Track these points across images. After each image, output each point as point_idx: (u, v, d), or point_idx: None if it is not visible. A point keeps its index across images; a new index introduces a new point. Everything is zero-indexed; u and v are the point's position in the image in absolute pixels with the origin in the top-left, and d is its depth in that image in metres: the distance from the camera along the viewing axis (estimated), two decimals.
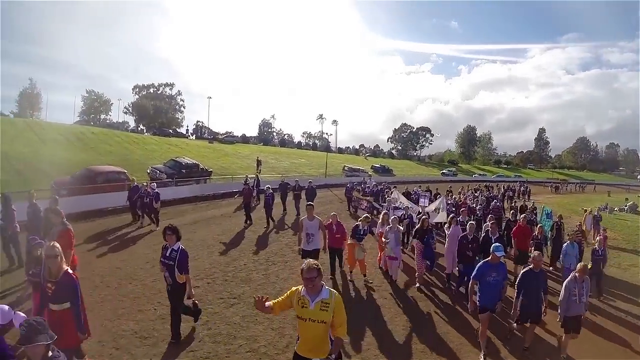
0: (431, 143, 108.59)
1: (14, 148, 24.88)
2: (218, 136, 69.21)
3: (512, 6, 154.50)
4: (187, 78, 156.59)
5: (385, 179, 41.84)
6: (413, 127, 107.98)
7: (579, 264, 6.37)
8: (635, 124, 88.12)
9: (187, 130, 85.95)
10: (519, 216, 11.49)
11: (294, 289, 3.61)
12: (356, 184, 22.09)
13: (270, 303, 3.62)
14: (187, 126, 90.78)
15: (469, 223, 8.75)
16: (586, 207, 26.24)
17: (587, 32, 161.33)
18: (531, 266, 6.12)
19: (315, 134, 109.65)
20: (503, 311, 6.90)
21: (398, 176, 54.82)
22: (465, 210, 11.48)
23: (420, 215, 12.94)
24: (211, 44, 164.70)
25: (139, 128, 79.25)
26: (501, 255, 5.93)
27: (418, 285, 9.01)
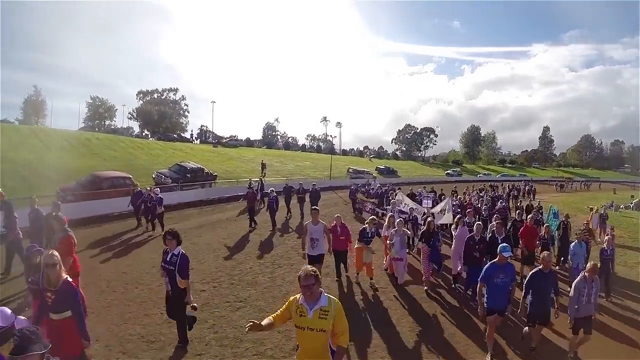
0: (435, 143, 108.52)
1: (20, 155, 25.10)
2: (222, 140, 69.39)
3: (514, 4, 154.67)
4: (191, 83, 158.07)
5: (390, 181, 41.79)
6: (417, 128, 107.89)
7: (589, 264, 6.18)
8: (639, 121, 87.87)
9: (192, 134, 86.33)
10: (525, 216, 11.41)
11: (292, 298, 3.48)
12: (360, 186, 22.02)
13: (269, 319, 3.46)
14: (192, 131, 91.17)
15: (476, 224, 8.58)
16: (592, 206, 26.10)
17: (590, 29, 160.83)
18: (540, 267, 5.99)
19: (319, 137, 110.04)
20: (512, 313, 6.84)
21: (403, 177, 54.70)
22: (471, 211, 11.39)
23: (424, 216, 12.89)
24: (214, 49, 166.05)
25: (144, 133, 79.62)
26: (509, 255, 5.81)
27: (425, 289, 8.91)
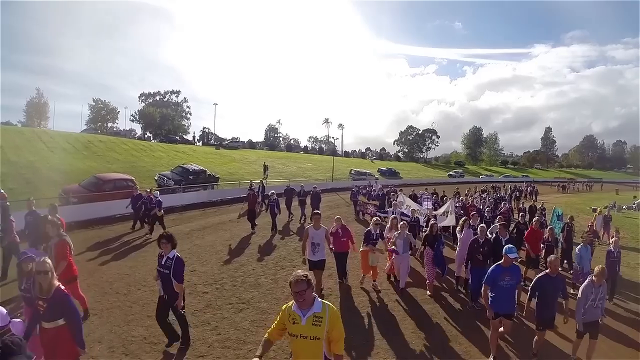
0: (437, 145, 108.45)
1: (22, 157, 25.20)
2: (222, 142, 69.48)
3: (516, 5, 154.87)
4: (193, 85, 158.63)
5: (392, 182, 41.78)
6: (419, 129, 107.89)
7: (597, 268, 5.97)
8: None
9: (194, 136, 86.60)
10: (528, 218, 11.29)
11: (284, 306, 3.33)
12: (361, 188, 21.96)
13: (264, 340, 3.34)
14: (194, 133, 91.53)
15: (479, 226, 8.43)
16: (595, 207, 26.02)
17: (591, 30, 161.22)
18: (547, 270, 5.90)
19: (321, 138, 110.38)
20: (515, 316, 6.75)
21: (405, 179, 54.66)
22: (475, 213, 11.31)
23: (426, 218, 12.82)
24: (216, 51, 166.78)
25: (146, 135, 79.89)
26: (514, 257, 5.70)
27: (429, 293, 8.83)
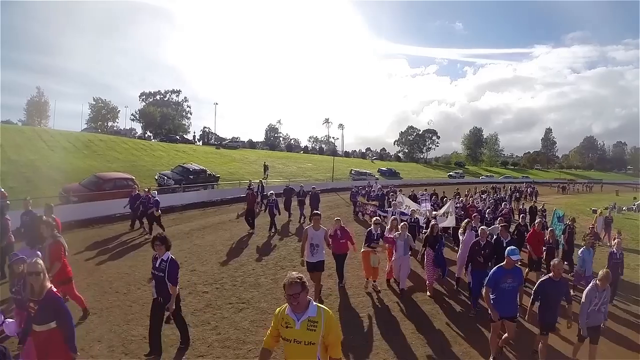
0: (438, 145, 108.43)
1: (23, 156, 25.20)
2: (222, 142, 69.43)
3: (516, 6, 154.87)
4: (194, 84, 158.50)
5: (392, 182, 41.79)
6: (419, 130, 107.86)
7: (601, 272, 5.82)
8: None
9: (194, 136, 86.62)
10: (528, 219, 11.18)
11: (278, 310, 3.22)
12: (360, 188, 21.89)
13: (262, 347, 3.33)
14: (194, 132, 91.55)
15: (480, 228, 8.31)
16: (595, 208, 26.01)
17: (592, 31, 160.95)
18: (551, 274, 5.76)
19: (321, 139, 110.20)
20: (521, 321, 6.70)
21: (405, 179, 54.65)
22: (477, 215, 11.21)
23: (426, 219, 12.77)
24: (217, 51, 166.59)
25: (146, 135, 79.86)
26: (517, 259, 5.64)
27: (429, 294, 8.81)
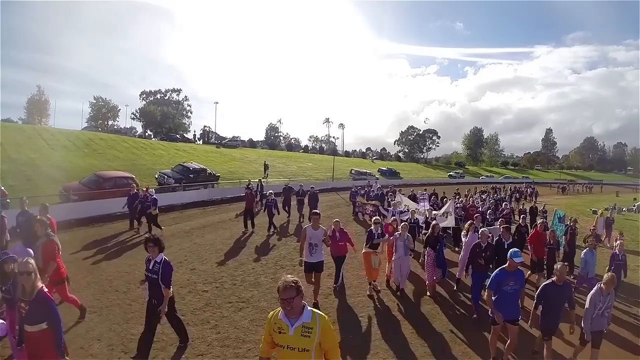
0: (438, 145, 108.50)
1: (23, 154, 25.21)
2: (221, 141, 69.41)
3: (517, 6, 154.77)
4: (194, 84, 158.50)
5: (392, 182, 41.79)
6: (420, 130, 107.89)
7: (606, 275, 5.68)
8: None
9: (194, 135, 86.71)
10: (528, 220, 11.06)
11: (271, 314, 3.07)
12: (360, 188, 21.84)
13: (259, 355, 3.20)
14: (194, 131, 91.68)
15: (481, 230, 8.20)
16: (595, 209, 26.01)
17: (593, 31, 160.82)
18: (554, 278, 5.61)
19: (322, 138, 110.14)
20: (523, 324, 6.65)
21: (405, 179, 54.66)
22: (478, 216, 11.16)
23: (424, 218, 12.76)
24: (218, 50, 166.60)
25: (147, 134, 79.90)
26: (520, 261, 5.56)
27: (429, 294, 8.79)
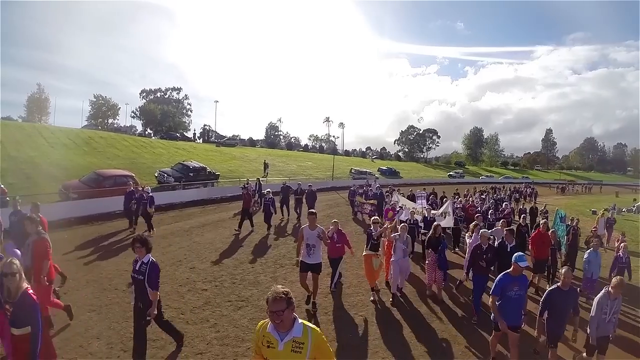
0: (438, 145, 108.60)
1: (23, 152, 25.20)
2: (219, 140, 69.35)
3: (518, 6, 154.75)
4: (194, 82, 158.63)
5: (392, 182, 41.78)
6: (420, 129, 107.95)
7: (615, 279, 5.53)
8: None
9: (194, 134, 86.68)
10: (529, 219, 10.89)
11: (260, 325, 2.89)
12: (358, 187, 21.75)
13: None
14: (194, 130, 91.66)
15: (481, 231, 8.09)
16: (594, 209, 26.01)
17: (594, 32, 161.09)
18: (559, 283, 5.46)
19: (322, 137, 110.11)
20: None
21: (405, 178, 54.70)
22: (480, 216, 11.03)
23: (422, 217, 12.72)
24: (218, 48, 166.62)
25: (147, 132, 79.89)
26: (525, 266, 5.39)
27: (428, 293, 8.77)
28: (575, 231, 11.40)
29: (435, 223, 9.30)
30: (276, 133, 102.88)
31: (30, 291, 3.89)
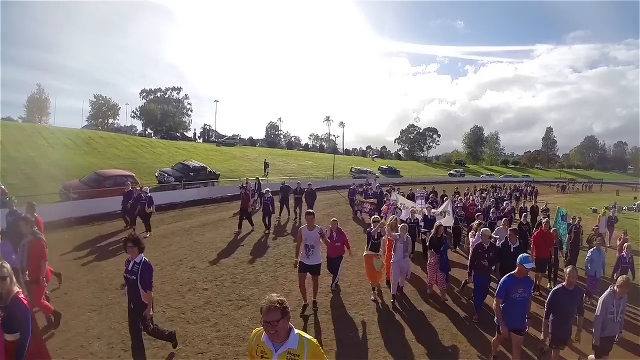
0: (438, 144, 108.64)
1: (23, 152, 25.18)
2: (218, 139, 69.29)
3: (518, 5, 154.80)
4: (194, 82, 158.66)
5: (392, 181, 41.74)
6: (420, 128, 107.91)
7: (621, 278, 5.44)
8: None
9: (195, 133, 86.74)
10: (530, 218, 10.86)
11: (254, 333, 2.79)
12: (358, 186, 21.68)
13: None
14: (195, 130, 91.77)
15: (482, 230, 8.03)
16: (595, 207, 26.00)
17: (594, 30, 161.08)
18: (564, 283, 5.34)
19: (322, 136, 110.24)
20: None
21: (405, 177, 54.63)
22: (481, 214, 10.92)
23: (427, 217, 12.69)
24: (218, 48, 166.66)
25: (147, 132, 79.90)
26: (530, 267, 5.29)
27: (429, 292, 8.75)
28: (577, 230, 11.33)
29: (437, 223, 9.17)
30: (276, 132, 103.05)
31: (21, 296, 3.81)
